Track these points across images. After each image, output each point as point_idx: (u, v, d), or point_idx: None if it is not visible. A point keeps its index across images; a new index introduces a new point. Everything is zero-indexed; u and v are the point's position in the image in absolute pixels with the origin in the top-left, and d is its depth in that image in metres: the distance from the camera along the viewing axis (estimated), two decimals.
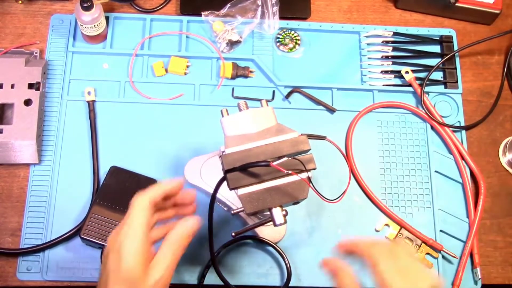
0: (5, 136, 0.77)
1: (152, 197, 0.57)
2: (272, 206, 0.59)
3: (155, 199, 0.57)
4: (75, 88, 0.84)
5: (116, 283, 0.53)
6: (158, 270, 0.54)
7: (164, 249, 0.56)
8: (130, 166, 0.79)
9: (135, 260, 0.53)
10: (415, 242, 0.79)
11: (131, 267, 0.53)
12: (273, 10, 0.88)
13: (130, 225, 0.55)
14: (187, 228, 0.57)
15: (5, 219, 0.77)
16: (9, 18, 0.88)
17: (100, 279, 0.55)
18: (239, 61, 0.88)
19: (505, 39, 0.94)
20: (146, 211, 0.56)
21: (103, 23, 0.84)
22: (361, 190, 0.82)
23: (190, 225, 0.57)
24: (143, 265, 0.53)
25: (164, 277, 0.54)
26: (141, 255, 0.53)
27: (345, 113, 0.86)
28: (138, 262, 0.53)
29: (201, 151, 0.80)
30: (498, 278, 0.81)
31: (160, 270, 0.54)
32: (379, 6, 0.95)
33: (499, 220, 0.84)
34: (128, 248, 0.53)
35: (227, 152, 0.58)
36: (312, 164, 0.59)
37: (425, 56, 0.91)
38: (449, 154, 0.85)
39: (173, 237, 0.56)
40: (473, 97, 0.90)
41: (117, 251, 0.54)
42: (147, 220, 0.55)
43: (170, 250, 0.55)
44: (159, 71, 0.86)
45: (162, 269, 0.54)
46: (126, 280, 0.53)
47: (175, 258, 0.55)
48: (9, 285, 0.75)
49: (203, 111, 0.85)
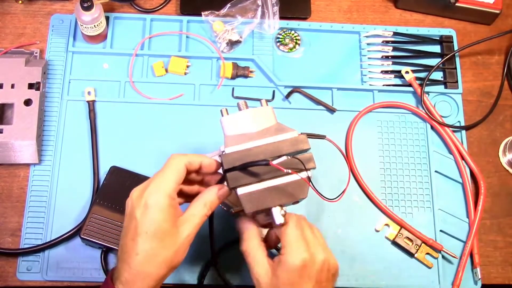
0: (5, 136, 0.77)
1: (189, 162, 0.58)
2: (272, 205, 0.59)
3: (190, 165, 0.58)
4: (75, 88, 0.84)
5: (144, 240, 0.54)
6: (188, 226, 0.56)
7: (196, 206, 0.58)
8: (130, 166, 0.79)
9: (165, 214, 0.55)
10: (415, 242, 0.79)
11: (159, 221, 0.54)
12: (273, 10, 0.88)
13: (162, 181, 0.56)
14: (221, 193, 0.59)
15: (5, 219, 0.77)
16: (9, 18, 0.88)
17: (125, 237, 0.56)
18: (239, 61, 0.88)
19: (505, 39, 0.94)
20: (179, 172, 0.57)
21: (103, 23, 0.84)
22: (361, 190, 0.82)
23: (224, 191, 0.59)
24: (172, 220, 0.55)
25: (193, 233, 0.57)
26: (169, 209, 0.55)
27: (345, 113, 0.86)
28: (167, 217, 0.55)
29: (201, 151, 0.80)
30: (498, 278, 0.81)
31: (191, 226, 0.56)
32: (379, 6, 0.95)
33: (499, 220, 0.84)
34: (156, 201, 0.55)
35: (227, 152, 0.58)
36: (312, 164, 0.59)
37: (425, 56, 0.91)
38: (449, 154, 0.85)
39: (207, 198, 0.58)
40: (473, 97, 0.90)
41: (144, 205, 0.55)
42: (179, 179, 0.57)
43: (201, 208, 0.58)
44: (159, 71, 0.86)
45: (192, 225, 0.56)
46: (155, 235, 0.54)
47: (204, 217, 0.58)
48: (9, 285, 0.75)
49: (203, 111, 0.85)
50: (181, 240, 0.56)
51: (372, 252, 0.79)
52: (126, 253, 0.55)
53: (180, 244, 0.56)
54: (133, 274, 0.55)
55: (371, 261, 0.79)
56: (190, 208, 0.58)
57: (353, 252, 0.79)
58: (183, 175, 0.58)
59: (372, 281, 0.78)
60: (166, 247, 0.55)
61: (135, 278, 0.55)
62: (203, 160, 0.60)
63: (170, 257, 0.55)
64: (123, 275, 0.55)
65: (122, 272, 0.55)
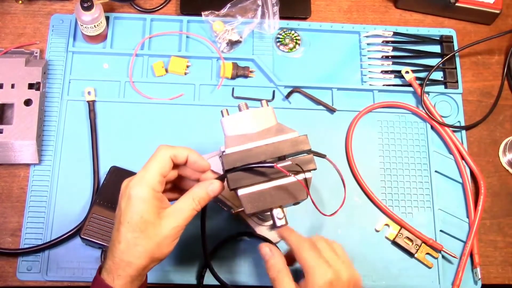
0: (5, 136, 0.77)
1: (174, 154, 0.58)
2: (273, 206, 0.59)
3: (176, 157, 0.58)
4: (75, 88, 0.84)
5: (127, 230, 0.55)
6: (174, 219, 0.56)
7: (184, 199, 0.57)
8: (130, 166, 0.79)
9: (146, 206, 0.55)
10: (415, 242, 0.79)
11: (141, 212, 0.54)
12: (273, 10, 0.88)
13: (145, 172, 0.56)
14: (211, 188, 0.58)
15: (5, 219, 0.77)
16: (9, 18, 0.88)
17: (113, 228, 0.57)
18: (239, 61, 0.88)
19: (505, 39, 0.94)
20: (164, 164, 0.57)
21: (103, 23, 0.84)
22: (361, 190, 0.82)
23: (215, 187, 0.58)
24: (155, 212, 0.55)
25: (180, 226, 0.56)
26: (152, 200, 0.55)
27: (345, 113, 0.86)
28: (149, 207, 0.55)
29: (201, 151, 0.79)
30: (498, 278, 0.81)
31: (176, 219, 0.56)
32: (379, 6, 0.95)
33: (499, 220, 0.84)
34: (138, 192, 0.55)
35: (227, 152, 0.58)
36: (313, 165, 0.59)
37: (425, 56, 0.91)
38: (449, 154, 0.85)
39: (196, 191, 0.58)
40: (473, 97, 0.90)
41: (128, 196, 0.55)
42: (163, 171, 0.57)
43: (190, 203, 0.57)
44: (159, 71, 0.86)
45: (178, 219, 0.56)
46: (137, 226, 0.54)
47: (192, 213, 0.57)
48: (9, 285, 0.75)
49: (203, 111, 0.85)
50: (164, 232, 0.55)
51: (372, 252, 0.79)
52: (111, 242, 0.57)
53: (163, 236, 0.55)
54: (116, 262, 0.55)
55: (371, 261, 0.79)
56: (177, 202, 0.58)
57: (353, 252, 0.79)
58: (169, 167, 0.58)
59: (372, 281, 0.78)
60: (148, 237, 0.55)
61: (117, 266, 0.55)
62: (189, 154, 0.59)
63: (151, 248, 0.55)
64: (108, 263, 0.56)
65: (107, 261, 0.57)
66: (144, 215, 0.55)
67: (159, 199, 0.56)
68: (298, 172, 0.59)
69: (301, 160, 0.59)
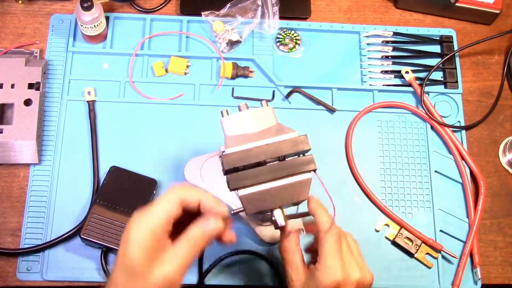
0: (5, 136, 0.77)
1: (184, 199, 0.54)
2: (273, 207, 0.59)
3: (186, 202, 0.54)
4: (75, 88, 0.84)
5: (119, 271, 0.52)
6: (167, 265, 0.51)
7: (178, 245, 0.53)
8: (130, 166, 0.79)
9: (139, 251, 0.51)
10: (415, 242, 0.79)
11: (133, 257, 0.51)
12: (273, 10, 0.88)
13: (149, 215, 0.53)
14: (207, 229, 0.54)
15: (5, 219, 0.77)
16: (9, 18, 0.88)
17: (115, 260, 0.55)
18: (239, 61, 0.88)
19: (505, 39, 0.94)
20: (171, 208, 0.53)
21: (103, 23, 0.84)
22: (361, 190, 0.82)
23: (211, 227, 0.54)
24: (147, 257, 0.51)
25: (174, 273, 0.51)
26: (146, 247, 0.51)
27: (345, 113, 0.86)
28: (142, 253, 0.51)
29: (201, 151, 0.80)
30: (498, 278, 0.81)
31: (170, 265, 0.51)
32: (379, 6, 0.95)
33: (499, 220, 0.84)
34: (135, 235, 0.52)
35: (227, 152, 0.58)
36: (313, 165, 0.59)
37: (425, 56, 0.91)
38: (449, 154, 0.85)
39: (191, 234, 0.53)
40: (473, 97, 0.90)
41: (127, 235, 0.52)
42: (168, 216, 0.53)
43: (185, 247, 0.53)
44: (159, 71, 0.86)
45: (172, 264, 0.51)
46: (127, 270, 0.51)
47: (189, 256, 0.53)
48: (9, 285, 0.75)
49: (203, 111, 0.85)
50: (152, 281, 0.51)
51: (372, 252, 0.79)
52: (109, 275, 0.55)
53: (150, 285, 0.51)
54: None
55: (371, 261, 0.78)
56: (174, 246, 0.53)
57: None
58: (176, 210, 0.54)
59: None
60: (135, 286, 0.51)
61: None
62: (202, 200, 0.54)
63: None
64: None
65: None
66: (135, 261, 0.51)
67: (159, 242, 0.52)
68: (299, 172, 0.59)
69: (301, 160, 0.59)
